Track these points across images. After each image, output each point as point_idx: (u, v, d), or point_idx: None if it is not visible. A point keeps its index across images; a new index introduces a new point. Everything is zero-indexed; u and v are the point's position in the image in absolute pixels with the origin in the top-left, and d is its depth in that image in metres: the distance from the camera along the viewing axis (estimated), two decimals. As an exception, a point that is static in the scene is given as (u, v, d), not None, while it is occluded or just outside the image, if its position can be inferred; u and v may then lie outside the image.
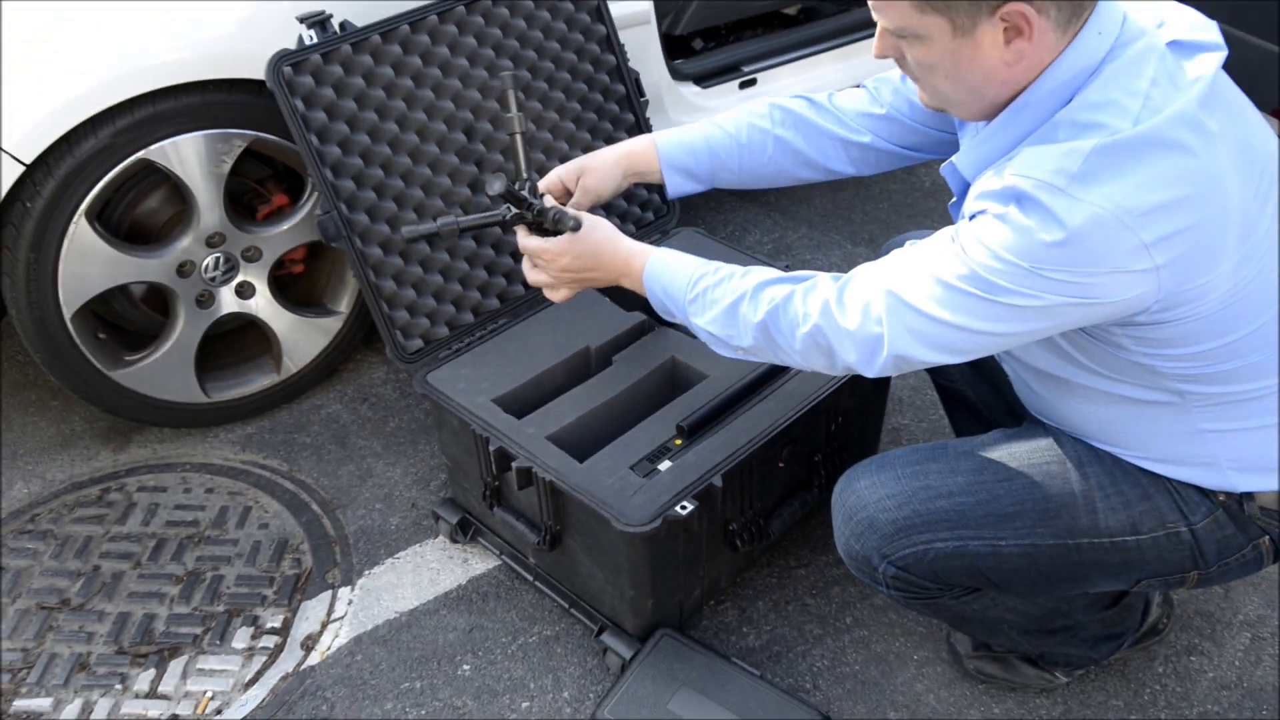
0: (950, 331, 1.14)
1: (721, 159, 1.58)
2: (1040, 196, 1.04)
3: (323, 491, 2.05)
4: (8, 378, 2.37)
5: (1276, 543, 1.34)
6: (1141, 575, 1.36)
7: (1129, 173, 1.03)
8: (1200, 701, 1.63)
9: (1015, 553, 1.32)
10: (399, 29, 1.86)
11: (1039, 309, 1.10)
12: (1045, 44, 1.08)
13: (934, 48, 1.11)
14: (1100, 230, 1.03)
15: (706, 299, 1.33)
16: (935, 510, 1.33)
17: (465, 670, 1.70)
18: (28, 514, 2.01)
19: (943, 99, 1.20)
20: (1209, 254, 1.09)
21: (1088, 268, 1.05)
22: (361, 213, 1.84)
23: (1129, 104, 1.06)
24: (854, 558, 1.40)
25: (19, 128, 1.70)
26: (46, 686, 1.69)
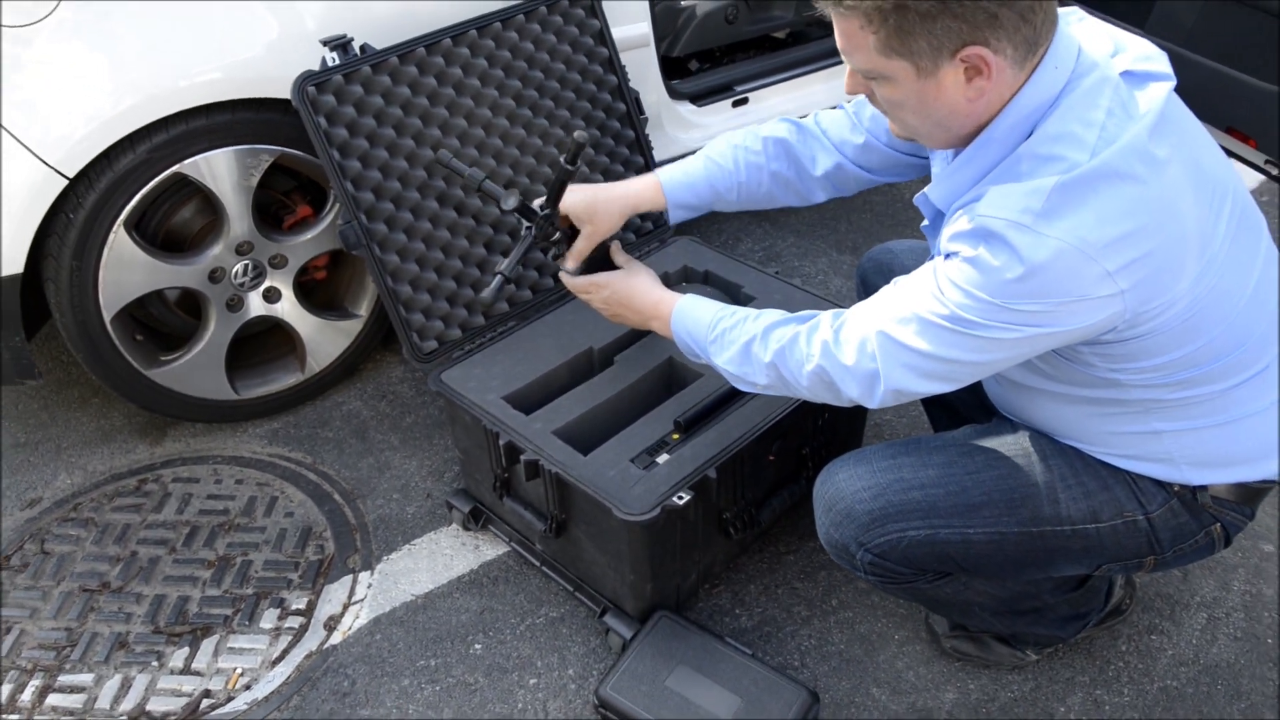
0: (938, 364, 1.16)
1: (720, 193, 1.59)
2: (1008, 235, 1.04)
3: (344, 482, 2.05)
4: (53, 376, 2.36)
5: (1227, 529, 1.34)
6: (1102, 560, 1.36)
7: (1089, 206, 1.03)
8: (1160, 677, 1.63)
9: (983, 540, 1.32)
10: (415, 51, 1.85)
11: (1016, 339, 1.10)
12: (1004, 80, 1.08)
13: (900, 88, 1.11)
14: (1066, 262, 1.03)
15: (724, 340, 1.35)
16: (908, 501, 1.33)
17: (477, 649, 1.70)
18: (71, 503, 2.01)
19: (912, 131, 1.20)
20: (1170, 273, 1.09)
21: (1056, 298, 1.06)
22: (380, 222, 1.84)
23: (1086, 135, 1.06)
24: (834, 546, 1.40)
25: (62, 145, 1.69)
26: (89, 663, 1.69)
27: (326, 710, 1.61)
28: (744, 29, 2.79)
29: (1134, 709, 1.58)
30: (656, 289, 1.50)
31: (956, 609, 1.52)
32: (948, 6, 1.01)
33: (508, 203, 1.48)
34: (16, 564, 1.87)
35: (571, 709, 1.60)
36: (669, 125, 2.43)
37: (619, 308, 1.53)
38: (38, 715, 1.61)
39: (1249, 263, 1.20)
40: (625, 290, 1.51)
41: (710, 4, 2.72)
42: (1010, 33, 1.04)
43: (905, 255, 1.67)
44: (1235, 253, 1.17)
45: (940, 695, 1.60)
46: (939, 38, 1.04)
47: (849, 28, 1.09)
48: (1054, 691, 1.61)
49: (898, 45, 1.06)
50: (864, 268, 1.73)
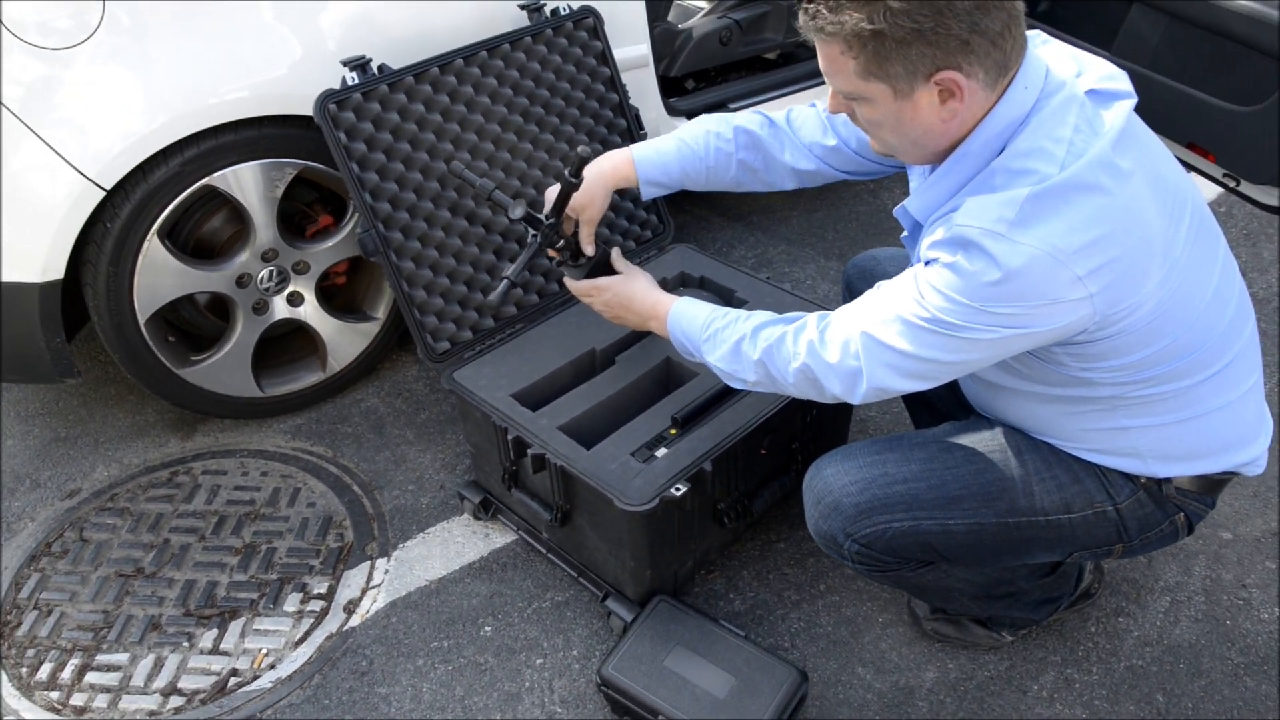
0: (918, 363, 1.16)
1: (689, 173, 1.57)
2: (984, 243, 1.05)
3: (363, 475, 2.05)
4: (91, 375, 2.37)
5: (1190, 518, 1.35)
6: (1074, 548, 1.36)
7: (1059, 215, 1.04)
8: (1127, 656, 1.63)
9: (962, 530, 1.33)
10: (429, 71, 1.86)
11: (992, 340, 1.11)
12: (976, 101, 1.09)
13: (878, 108, 1.12)
14: (1039, 268, 1.04)
15: (717, 339, 1.36)
16: (892, 495, 1.33)
17: (487, 631, 1.71)
18: (108, 494, 2.01)
19: (890, 148, 1.20)
20: (1135, 277, 1.09)
21: (1030, 301, 1.06)
22: (396, 231, 1.84)
23: (1055, 150, 1.07)
24: (822, 536, 1.40)
25: (100, 159, 1.70)
26: (124, 643, 1.69)
27: (346, 688, 1.61)
28: (737, 51, 2.80)
29: (1102, 686, 1.58)
30: (654, 291, 1.51)
31: (938, 594, 1.52)
32: (922, 34, 1.02)
33: (515, 212, 1.49)
34: (57, 550, 1.88)
35: (575, 687, 1.60)
36: (667, 140, 2.43)
37: (619, 309, 1.54)
38: (77, 692, 1.62)
39: (1208, 267, 1.21)
40: (625, 293, 1.52)
41: (706, 27, 2.72)
42: (981, 58, 1.05)
43: (888, 262, 1.67)
44: (1195, 258, 1.18)
45: (921, 674, 1.61)
46: (914, 63, 1.04)
47: (831, 53, 1.10)
48: (1028, 670, 1.61)
49: (875, 69, 1.07)
50: (849, 273, 1.74)
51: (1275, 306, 2.44)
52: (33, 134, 1.65)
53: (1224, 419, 1.26)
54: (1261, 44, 1.92)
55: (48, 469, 2.09)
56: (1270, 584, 1.74)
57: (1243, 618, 1.69)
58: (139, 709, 1.59)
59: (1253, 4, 1.93)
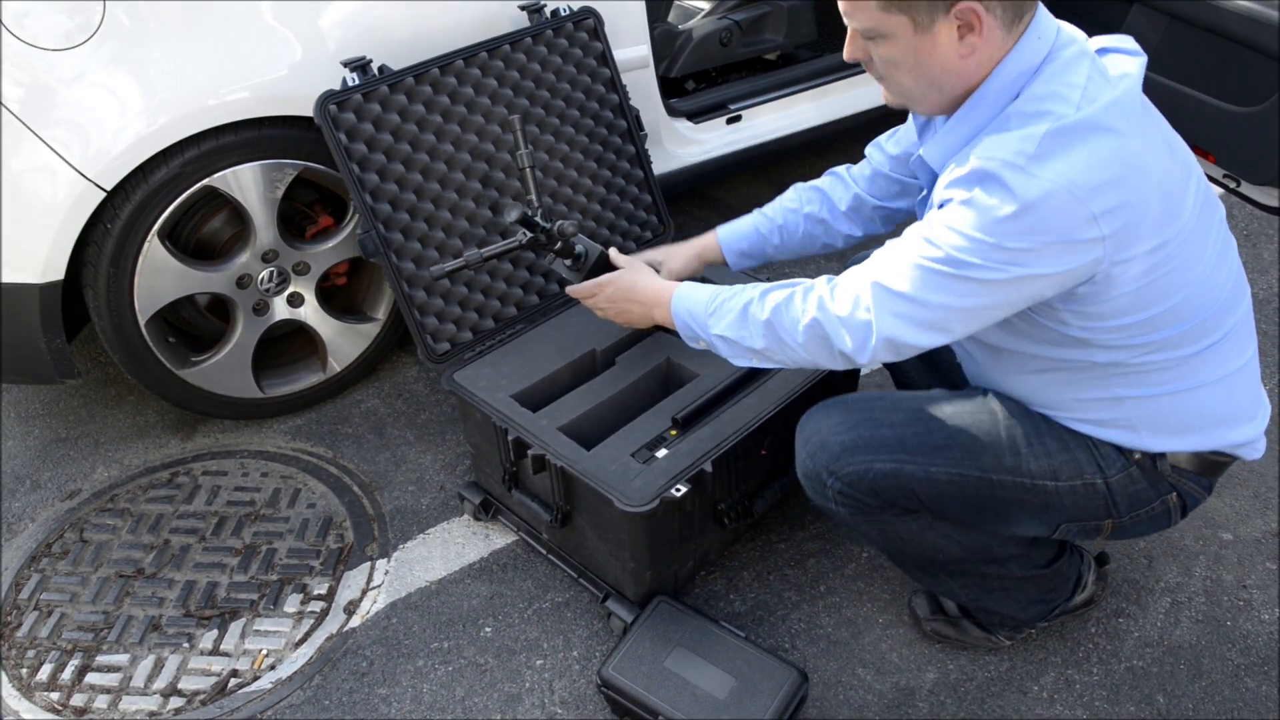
0: (928, 311, 1.15)
1: (765, 237, 1.68)
2: (1003, 174, 1.06)
3: (363, 475, 2.05)
4: (91, 376, 2.36)
5: (1184, 499, 1.35)
6: (1060, 518, 1.36)
7: (1077, 152, 1.06)
8: (1127, 657, 1.63)
9: (944, 479, 1.32)
10: (429, 72, 1.86)
11: (1005, 281, 1.10)
12: (994, 41, 1.11)
13: (898, 44, 1.14)
14: (1055, 201, 1.05)
15: (722, 310, 1.35)
16: (877, 436, 1.33)
17: (487, 632, 1.70)
18: (108, 494, 2.01)
19: (905, 93, 1.21)
20: (1144, 225, 1.11)
21: (1044, 235, 1.07)
22: (397, 232, 1.84)
23: (1070, 95, 1.10)
24: (808, 476, 1.40)
25: (101, 160, 1.70)
26: (124, 644, 1.69)
27: (346, 689, 1.61)
28: (737, 51, 2.80)
29: (1103, 687, 1.58)
30: (656, 279, 1.52)
31: (921, 556, 1.47)
32: None
33: (510, 215, 1.51)
34: (58, 551, 1.88)
35: (576, 688, 1.60)
36: (667, 141, 2.43)
37: (624, 302, 1.54)
38: (77, 692, 1.61)
39: (1209, 236, 1.22)
40: (628, 283, 1.53)
41: (706, 28, 2.72)
42: None
43: None
44: (1199, 225, 1.19)
45: (922, 675, 1.60)
46: None
47: None
48: (1028, 671, 1.61)
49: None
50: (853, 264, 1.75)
51: (1275, 307, 2.44)
52: (33, 135, 1.65)
53: (1219, 393, 1.26)
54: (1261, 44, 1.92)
55: (48, 470, 2.09)
56: (1270, 585, 1.74)
57: (1243, 618, 1.68)
58: (139, 710, 1.58)
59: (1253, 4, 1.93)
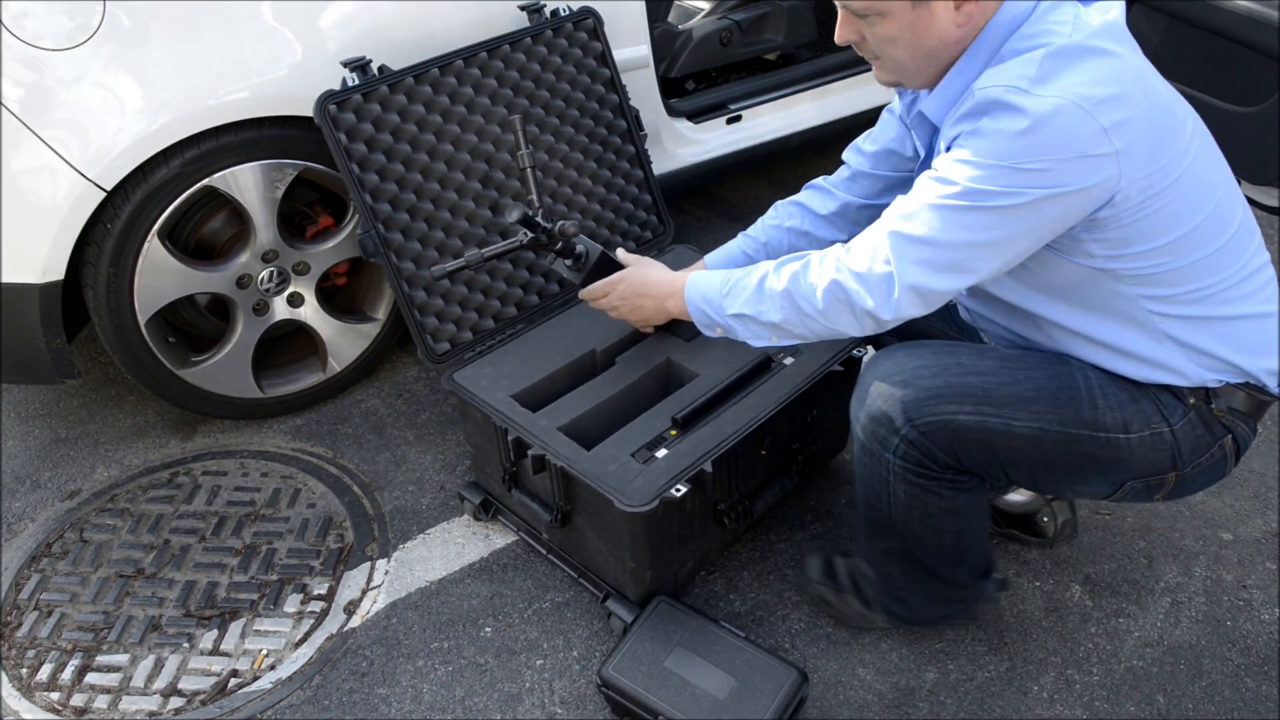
0: (950, 252, 1.14)
1: (753, 258, 1.65)
2: (1009, 98, 1.07)
3: (363, 475, 2.05)
4: (91, 376, 2.37)
5: (1238, 441, 1.33)
6: (1128, 475, 1.32)
7: (1079, 70, 1.08)
8: (1127, 658, 1.63)
9: (1025, 434, 1.28)
10: (429, 72, 1.86)
11: (1025, 206, 1.10)
12: (987, 5, 1.15)
13: (894, 21, 1.15)
14: (1065, 116, 1.06)
15: (738, 288, 1.34)
16: (965, 384, 1.27)
17: (487, 632, 1.70)
18: (108, 494, 2.01)
19: (899, 70, 1.22)
20: (1155, 143, 1.12)
21: (1059, 154, 1.08)
22: (397, 232, 1.84)
23: (1060, 28, 1.13)
24: (876, 418, 1.31)
25: (101, 160, 1.70)
26: (124, 644, 1.69)
27: (346, 689, 1.61)
28: (737, 51, 2.80)
29: (1103, 687, 1.58)
30: (667, 272, 1.53)
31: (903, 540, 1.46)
32: None
33: (511, 215, 1.51)
34: (58, 551, 1.88)
35: (576, 688, 1.60)
36: (667, 141, 2.43)
37: (637, 298, 1.53)
38: (77, 692, 1.61)
39: (1215, 166, 1.23)
40: (639, 279, 1.53)
41: (706, 28, 2.72)
42: None
43: None
44: (1202, 153, 1.20)
45: (922, 675, 1.60)
46: None
47: None
48: (1028, 671, 1.61)
49: None
50: None
51: (1275, 307, 2.44)
52: (33, 135, 1.65)
53: (1255, 326, 1.26)
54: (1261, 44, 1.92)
55: (48, 470, 2.09)
56: (1270, 585, 1.74)
57: (1243, 619, 1.68)
58: (139, 710, 1.58)
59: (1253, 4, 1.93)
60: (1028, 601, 1.72)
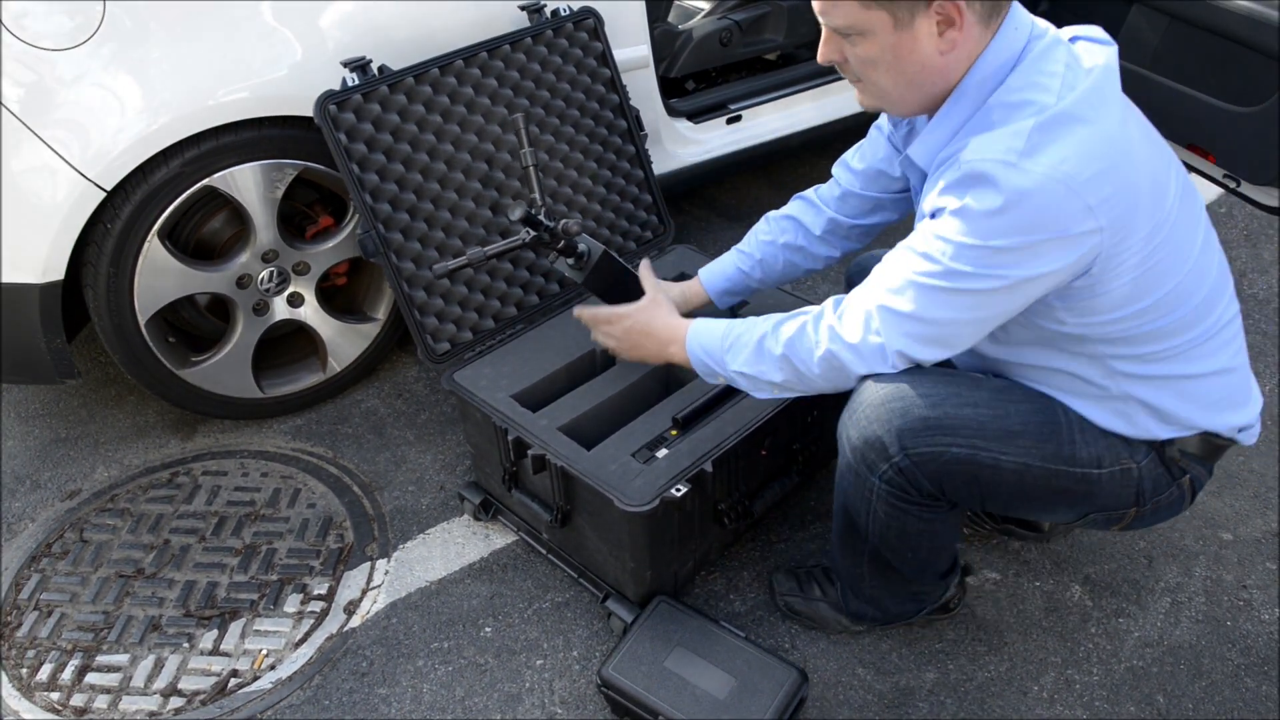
0: (936, 328, 1.17)
1: (746, 273, 1.69)
2: (995, 173, 1.06)
3: (363, 475, 2.05)
4: (91, 376, 2.36)
5: (1194, 482, 1.36)
6: (1092, 508, 1.36)
7: (1068, 142, 1.06)
8: (1127, 658, 1.63)
9: (1011, 468, 1.29)
10: (429, 72, 1.86)
11: (1005, 289, 1.11)
12: (972, 36, 1.12)
13: (876, 42, 1.13)
14: (1049, 195, 1.05)
15: (739, 344, 1.35)
16: (961, 416, 1.27)
17: (487, 632, 1.70)
18: (108, 494, 2.01)
19: (881, 95, 1.20)
20: (1135, 215, 1.11)
21: (1041, 233, 1.07)
22: (397, 232, 1.84)
23: (1050, 84, 1.11)
24: (870, 442, 1.30)
25: (101, 160, 1.70)
26: (124, 644, 1.69)
27: (346, 689, 1.61)
28: (737, 51, 2.80)
29: (1103, 687, 1.58)
30: (674, 315, 1.51)
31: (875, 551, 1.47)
32: None
33: (514, 214, 1.51)
34: (58, 551, 1.88)
35: (576, 688, 1.60)
36: (667, 141, 2.43)
37: (639, 337, 1.52)
38: (77, 693, 1.61)
39: (1196, 223, 1.23)
40: (646, 320, 1.52)
41: (706, 28, 2.72)
42: None
43: None
44: (1184, 210, 1.20)
45: (922, 675, 1.60)
46: None
47: None
48: (1028, 671, 1.61)
49: None
50: (851, 273, 1.74)
51: (1275, 307, 2.44)
52: (33, 135, 1.65)
53: (1217, 383, 1.28)
54: (1261, 44, 1.92)
55: (48, 470, 2.09)
56: (1270, 585, 1.74)
57: (1243, 619, 1.68)
58: (139, 710, 1.58)
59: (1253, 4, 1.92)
60: (1028, 601, 1.72)
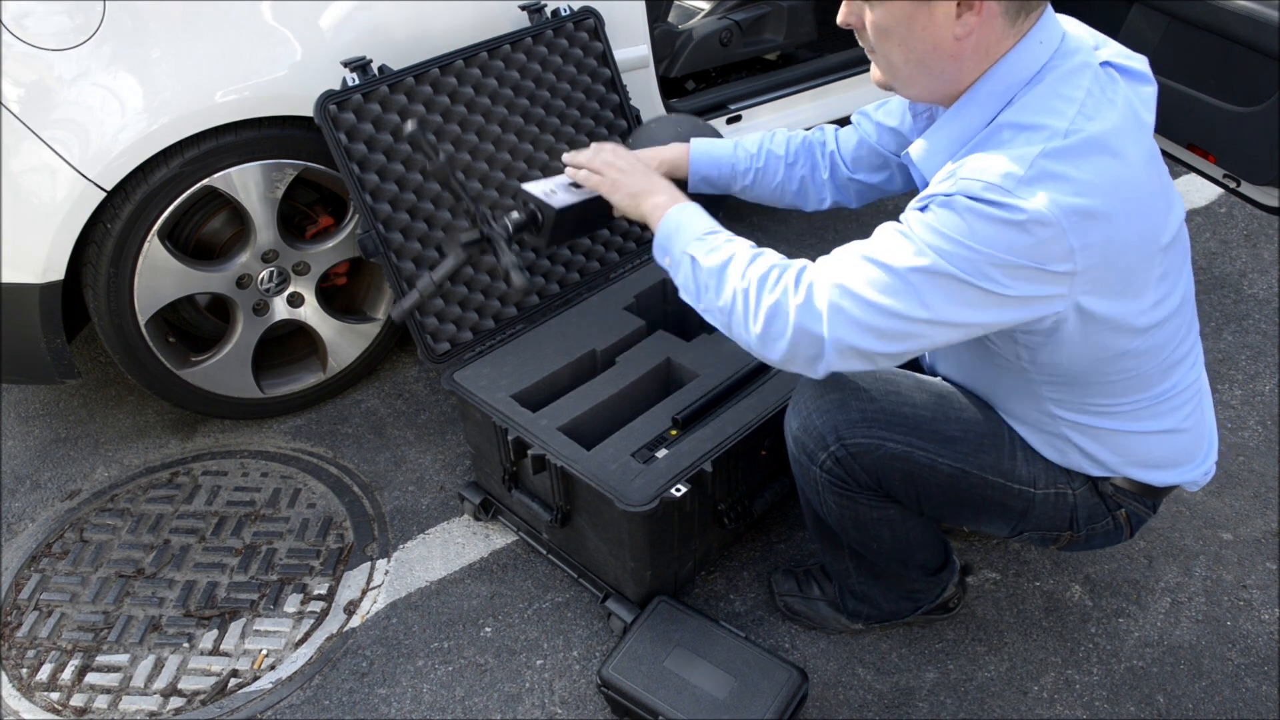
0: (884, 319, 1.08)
1: (738, 173, 1.57)
2: (989, 196, 1.01)
3: (363, 475, 2.05)
4: (91, 376, 2.36)
5: (1130, 516, 1.36)
6: (1026, 526, 1.36)
7: (1068, 179, 1.01)
8: (1127, 657, 1.63)
9: (946, 472, 1.30)
10: (429, 72, 1.86)
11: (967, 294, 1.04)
12: (992, 29, 1.05)
13: (893, 9, 1.07)
14: (1039, 229, 1.00)
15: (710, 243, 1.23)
16: (899, 413, 1.29)
17: (487, 632, 1.70)
18: (108, 494, 2.01)
19: (892, 70, 1.14)
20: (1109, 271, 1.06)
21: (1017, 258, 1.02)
22: (397, 232, 1.84)
23: (1066, 109, 1.04)
24: (809, 432, 1.32)
25: (101, 160, 1.70)
26: (124, 644, 1.69)
27: (346, 689, 1.61)
28: (737, 52, 2.80)
29: (1103, 687, 1.58)
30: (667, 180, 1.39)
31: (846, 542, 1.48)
32: None
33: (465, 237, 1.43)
34: (58, 551, 1.87)
35: (575, 688, 1.60)
36: (667, 141, 2.43)
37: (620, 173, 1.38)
38: (77, 693, 1.61)
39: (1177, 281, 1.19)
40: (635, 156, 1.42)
41: (706, 28, 2.72)
42: None
43: None
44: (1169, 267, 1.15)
45: (922, 675, 1.60)
46: None
47: None
48: (1028, 671, 1.61)
49: None
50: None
51: (1275, 307, 2.44)
52: (33, 135, 1.65)
53: (1162, 442, 1.27)
54: (1261, 45, 1.92)
55: (48, 470, 2.09)
56: (1270, 585, 1.74)
57: (1243, 619, 1.68)
58: (139, 710, 1.58)
59: (1253, 4, 1.92)
60: (1028, 601, 1.72)
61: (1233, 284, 2.53)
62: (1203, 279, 2.55)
